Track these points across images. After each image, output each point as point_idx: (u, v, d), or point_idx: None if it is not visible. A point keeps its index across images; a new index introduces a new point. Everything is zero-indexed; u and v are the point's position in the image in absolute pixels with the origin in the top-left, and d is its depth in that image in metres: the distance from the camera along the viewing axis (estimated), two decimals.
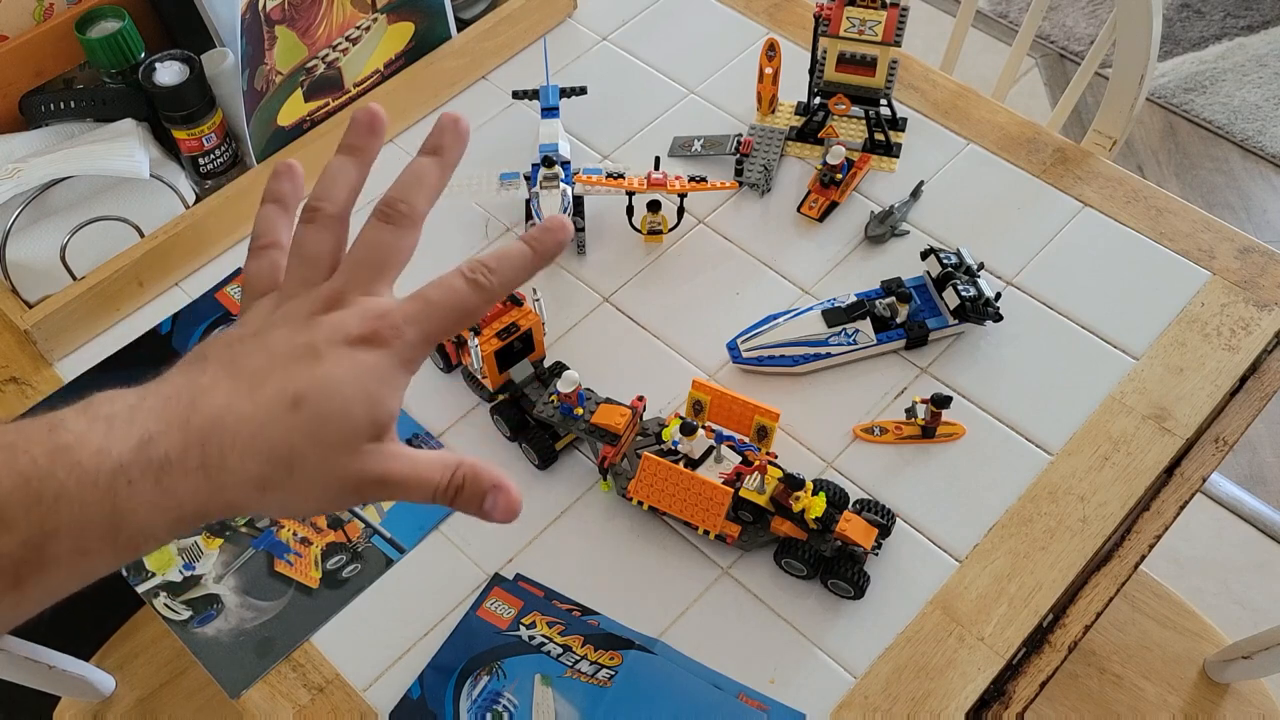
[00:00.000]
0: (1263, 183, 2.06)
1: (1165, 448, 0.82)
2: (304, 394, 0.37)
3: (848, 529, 0.74)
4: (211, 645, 0.77)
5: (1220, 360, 0.86)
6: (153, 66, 0.95)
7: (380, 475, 0.39)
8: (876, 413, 0.86)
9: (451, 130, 0.44)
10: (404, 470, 0.39)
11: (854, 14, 0.94)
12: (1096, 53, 1.08)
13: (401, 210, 0.42)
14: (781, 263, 0.95)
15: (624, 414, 0.80)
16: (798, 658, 0.75)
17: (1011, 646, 0.74)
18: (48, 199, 0.94)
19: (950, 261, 0.87)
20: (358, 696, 0.75)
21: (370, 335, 0.39)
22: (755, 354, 0.87)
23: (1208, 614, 1.07)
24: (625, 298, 0.94)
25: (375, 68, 1.07)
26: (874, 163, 1.01)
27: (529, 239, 0.42)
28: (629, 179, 0.93)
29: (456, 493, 0.40)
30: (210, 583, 0.80)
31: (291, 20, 0.97)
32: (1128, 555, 0.78)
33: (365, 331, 0.39)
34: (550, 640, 0.75)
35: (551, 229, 0.42)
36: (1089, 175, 0.98)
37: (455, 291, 0.41)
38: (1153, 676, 1.02)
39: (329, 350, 0.38)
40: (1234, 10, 2.30)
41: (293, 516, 0.40)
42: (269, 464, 0.37)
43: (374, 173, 0.45)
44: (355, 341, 0.39)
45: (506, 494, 0.40)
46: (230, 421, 0.36)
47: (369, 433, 0.38)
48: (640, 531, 0.81)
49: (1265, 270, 0.91)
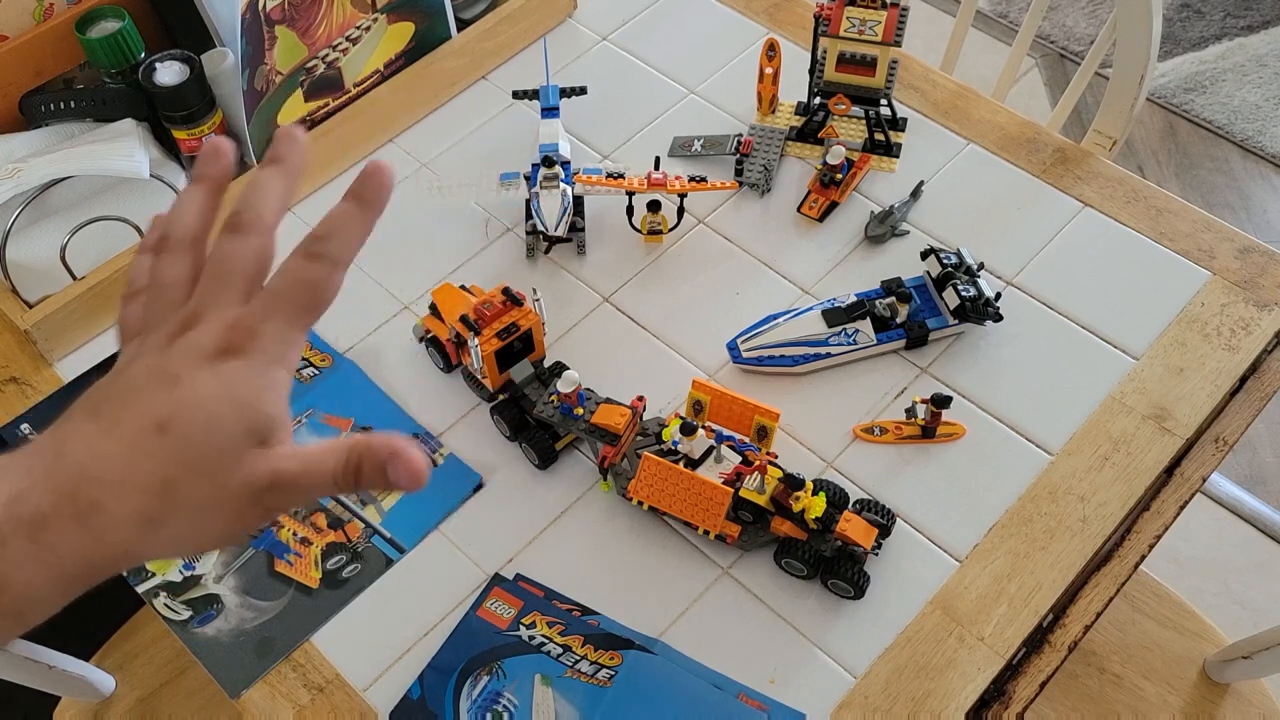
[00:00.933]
0: (1263, 183, 2.06)
1: (1165, 448, 0.82)
2: (167, 418, 0.36)
3: (848, 529, 0.74)
4: (211, 645, 0.77)
5: (1220, 360, 0.86)
6: (153, 66, 0.95)
7: (270, 478, 0.37)
8: (876, 413, 0.86)
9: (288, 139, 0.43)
10: (295, 467, 0.38)
11: (854, 14, 0.94)
12: (1096, 53, 1.08)
13: (246, 219, 0.41)
14: (781, 263, 0.95)
15: (624, 414, 0.80)
16: (798, 658, 0.75)
17: (1011, 646, 0.74)
18: (48, 199, 0.94)
19: (950, 261, 0.87)
20: (358, 696, 0.75)
21: (226, 346, 0.38)
22: (755, 354, 0.87)
23: (1208, 614, 1.07)
24: (625, 298, 0.94)
25: (375, 68, 1.07)
26: (874, 163, 1.01)
27: (350, 191, 0.41)
28: (629, 179, 0.93)
29: (357, 474, 0.38)
30: (210, 583, 0.80)
31: (291, 20, 0.97)
32: (1128, 555, 0.78)
33: (221, 344, 0.38)
34: (550, 640, 0.75)
35: (370, 173, 0.41)
36: (1089, 175, 0.98)
37: (294, 272, 0.39)
38: (1153, 676, 1.02)
39: (187, 371, 0.37)
40: (1234, 10, 2.30)
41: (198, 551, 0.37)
42: (147, 498, 0.35)
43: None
44: (214, 356, 0.37)
45: (406, 458, 0.38)
46: (96, 464, 0.35)
47: (248, 441, 0.37)
48: (640, 531, 0.81)
49: (1265, 270, 0.91)
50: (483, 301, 0.82)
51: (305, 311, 0.39)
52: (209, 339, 0.38)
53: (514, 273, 0.96)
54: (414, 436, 0.86)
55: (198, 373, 0.37)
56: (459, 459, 0.85)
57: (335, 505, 0.83)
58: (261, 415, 0.37)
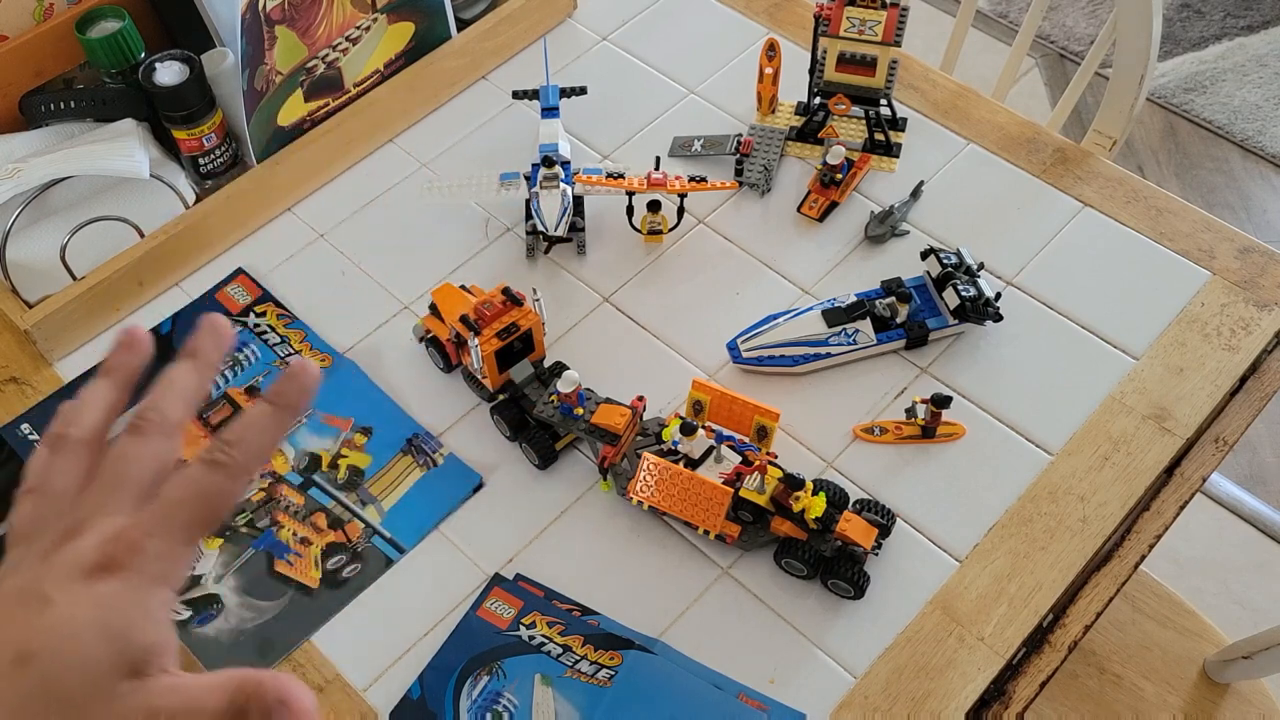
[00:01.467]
0: (1263, 183, 2.06)
1: (1165, 448, 0.82)
2: (30, 649, 0.33)
3: (848, 529, 0.74)
4: (211, 645, 0.77)
5: (1220, 360, 0.86)
6: (153, 66, 0.95)
7: (147, 714, 0.33)
8: (876, 413, 0.86)
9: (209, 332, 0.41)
10: (174, 704, 0.34)
11: (854, 14, 0.94)
12: (1096, 53, 1.08)
13: (149, 419, 0.38)
14: (781, 263, 0.95)
15: (624, 414, 0.80)
16: (798, 658, 0.75)
17: (1011, 646, 0.74)
18: (48, 199, 0.94)
19: (950, 261, 0.87)
20: (358, 696, 0.75)
21: (106, 562, 0.35)
22: (755, 354, 0.87)
23: (1208, 614, 1.07)
24: (625, 298, 0.94)
25: (375, 68, 1.07)
26: (874, 163, 1.01)
27: (268, 394, 0.38)
28: (629, 179, 0.93)
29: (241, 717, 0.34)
30: (210, 583, 0.80)
31: (291, 20, 0.97)
32: (1128, 555, 0.78)
33: (100, 559, 0.35)
34: (550, 640, 0.75)
35: (293, 374, 0.38)
36: (1089, 175, 0.98)
37: (195, 482, 0.37)
38: (1153, 676, 1.02)
39: (59, 591, 0.34)
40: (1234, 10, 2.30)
41: None
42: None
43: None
44: (91, 572, 0.34)
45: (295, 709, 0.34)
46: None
47: (120, 672, 0.34)
48: (640, 531, 0.81)
49: (1265, 270, 0.91)
50: (483, 301, 0.82)
51: (198, 525, 0.37)
52: (87, 552, 0.35)
53: (514, 273, 0.96)
54: (414, 436, 0.86)
55: (69, 593, 0.34)
56: (459, 459, 0.85)
57: (335, 505, 0.83)
58: (135, 645, 0.34)
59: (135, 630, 0.34)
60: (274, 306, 0.95)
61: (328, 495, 0.84)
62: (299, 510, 0.83)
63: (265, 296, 0.96)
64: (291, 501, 0.84)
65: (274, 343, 0.92)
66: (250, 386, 0.90)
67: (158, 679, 0.34)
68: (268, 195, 1.00)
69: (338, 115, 1.04)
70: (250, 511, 0.83)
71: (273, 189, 1.00)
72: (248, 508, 0.83)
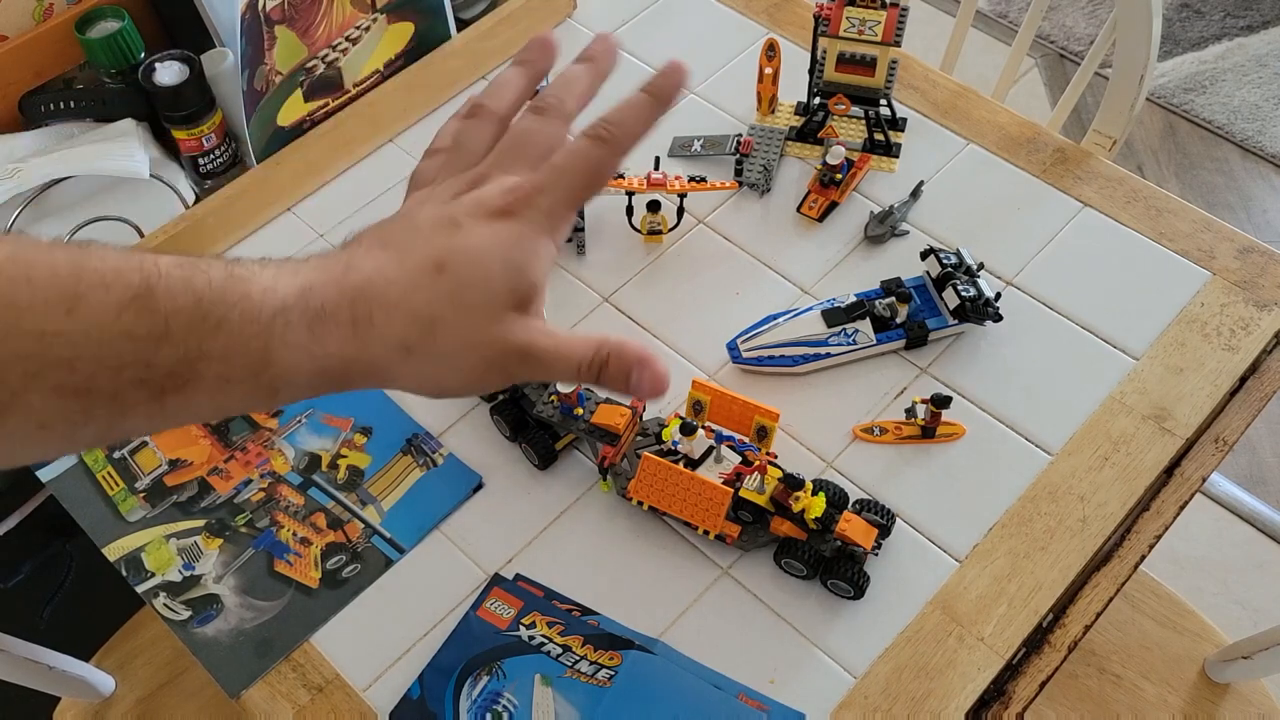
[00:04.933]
0: (1263, 183, 2.06)
1: (1165, 448, 0.82)
2: (446, 260, 0.39)
3: (848, 529, 0.74)
4: (211, 645, 0.77)
5: (1220, 360, 0.86)
6: (153, 66, 0.95)
7: (524, 346, 0.40)
8: (876, 413, 0.86)
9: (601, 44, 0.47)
10: (547, 344, 0.40)
11: (854, 14, 0.94)
12: (1096, 53, 1.08)
13: (550, 103, 0.44)
14: (781, 263, 0.95)
15: (624, 414, 0.80)
16: (798, 658, 0.75)
17: (1011, 646, 0.74)
18: (48, 199, 0.95)
19: (950, 261, 0.87)
20: (358, 696, 0.75)
21: (505, 208, 0.40)
22: (755, 354, 0.87)
23: (1208, 614, 1.07)
24: (625, 298, 0.94)
25: (375, 68, 1.07)
26: (874, 163, 1.01)
27: (646, 86, 0.44)
28: (629, 179, 0.93)
29: (601, 369, 0.40)
30: (210, 583, 0.80)
31: (291, 20, 0.97)
32: (1128, 555, 0.78)
33: (501, 204, 0.40)
34: (550, 640, 0.75)
35: (668, 72, 0.44)
36: (1089, 175, 0.98)
37: (580, 153, 0.42)
38: (1153, 676, 1.02)
39: (468, 222, 0.40)
40: (1234, 10, 2.30)
41: (436, 392, 0.41)
42: (412, 326, 0.38)
43: None
44: (493, 214, 0.40)
45: (652, 369, 0.40)
46: (379, 283, 0.38)
47: (510, 301, 0.39)
48: (640, 531, 0.81)
49: (1265, 270, 0.91)
50: None
51: (581, 189, 0.42)
52: (492, 197, 0.41)
53: None
54: (414, 436, 0.86)
55: (476, 225, 0.40)
56: (459, 459, 0.85)
57: (335, 505, 0.83)
58: (525, 280, 0.40)
59: (526, 267, 0.40)
60: None
61: (328, 495, 0.84)
62: (299, 510, 0.83)
63: None
64: (291, 501, 0.84)
65: None
66: None
67: (537, 320, 0.41)
68: (268, 195, 1.00)
69: (337, 115, 1.04)
70: (250, 511, 0.83)
71: (273, 189, 1.00)
72: (247, 508, 0.83)
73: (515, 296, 0.40)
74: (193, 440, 0.87)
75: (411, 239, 0.40)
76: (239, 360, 0.36)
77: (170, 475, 0.85)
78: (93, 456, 0.86)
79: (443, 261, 0.39)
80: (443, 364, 0.39)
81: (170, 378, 0.35)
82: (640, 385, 0.41)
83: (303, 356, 0.37)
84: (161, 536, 0.82)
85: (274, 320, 0.36)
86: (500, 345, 0.39)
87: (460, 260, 0.39)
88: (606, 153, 0.42)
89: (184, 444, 0.87)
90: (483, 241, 0.39)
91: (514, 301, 0.40)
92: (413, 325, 0.38)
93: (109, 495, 0.85)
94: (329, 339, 0.37)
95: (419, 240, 0.40)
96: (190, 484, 0.85)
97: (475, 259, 0.39)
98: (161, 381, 0.35)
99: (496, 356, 0.40)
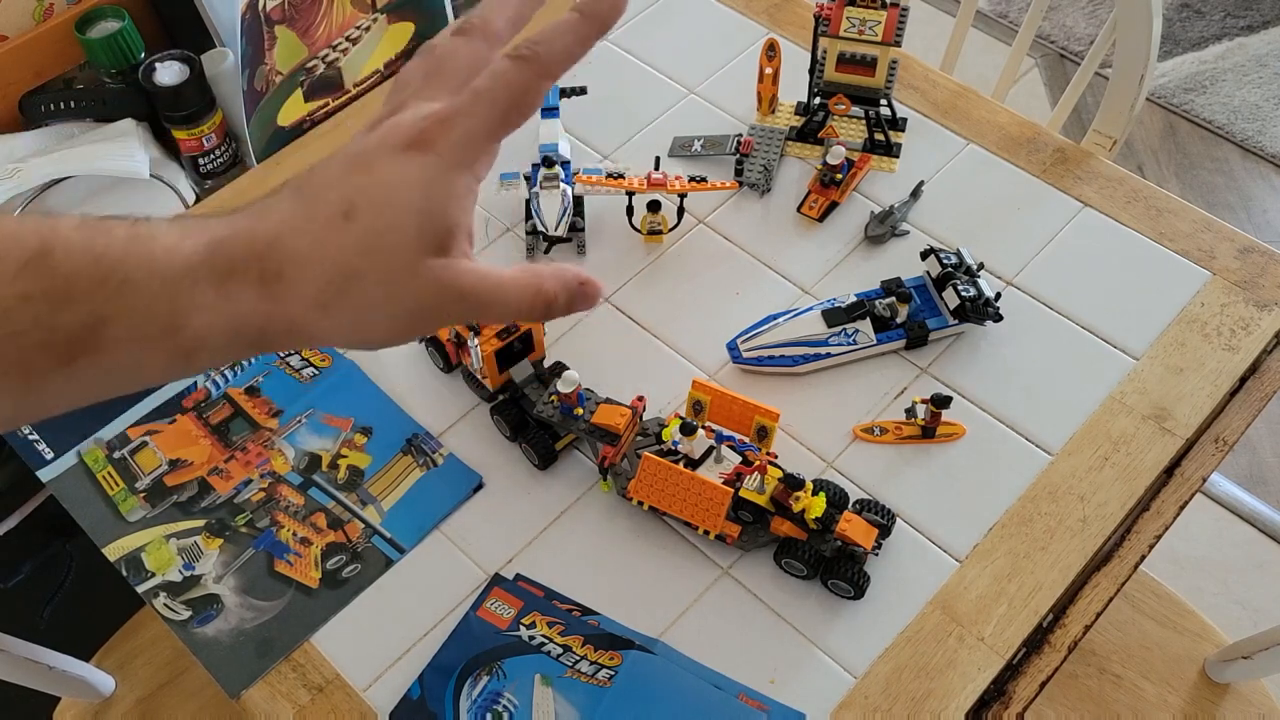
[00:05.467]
0: (1263, 183, 2.06)
1: (1165, 448, 0.82)
2: (354, 204, 0.36)
3: (848, 529, 0.74)
4: (211, 645, 0.77)
5: (1220, 360, 0.86)
6: (153, 66, 0.95)
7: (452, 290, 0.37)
8: (876, 413, 0.86)
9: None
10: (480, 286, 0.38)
11: (854, 14, 0.94)
12: (1096, 53, 1.08)
13: (474, 24, 0.41)
14: (781, 263, 0.95)
15: (624, 414, 0.80)
16: (798, 658, 0.75)
17: (1011, 646, 0.74)
18: (48, 199, 0.95)
19: (950, 261, 0.87)
20: (358, 696, 0.75)
21: (418, 138, 0.37)
22: (755, 354, 0.87)
23: (1208, 614, 1.07)
24: (625, 298, 0.94)
25: (375, 68, 1.07)
26: (874, 163, 1.01)
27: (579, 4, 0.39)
28: (629, 179, 0.93)
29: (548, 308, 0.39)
30: (210, 583, 0.80)
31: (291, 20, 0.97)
32: (1128, 555, 0.78)
33: (414, 135, 0.37)
34: (550, 640, 0.75)
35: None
36: (1089, 175, 0.98)
37: (501, 74, 0.38)
38: (1153, 676, 1.02)
39: (379, 158, 0.37)
40: (1234, 10, 2.30)
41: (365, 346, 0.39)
42: (323, 281, 0.36)
43: None
44: (406, 146, 0.37)
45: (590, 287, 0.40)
46: (287, 235, 0.36)
47: (425, 246, 0.37)
48: (640, 531, 0.81)
49: (1265, 270, 0.91)
50: None
51: (503, 115, 0.38)
52: (404, 127, 0.38)
53: None
54: (414, 436, 0.86)
55: (386, 163, 0.37)
56: (459, 459, 0.85)
57: (335, 505, 0.83)
58: (441, 223, 0.37)
59: (443, 209, 0.37)
60: None
61: (328, 495, 0.84)
62: (299, 510, 0.83)
63: None
64: (291, 501, 0.84)
65: None
66: (250, 386, 0.90)
67: (460, 261, 0.38)
68: None
69: (337, 115, 1.04)
70: (250, 512, 0.83)
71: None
72: (248, 508, 0.83)
73: (432, 240, 0.37)
74: (193, 440, 0.87)
75: (324, 182, 0.37)
76: (147, 322, 0.35)
77: (170, 475, 0.85)
78: (93, 456, 0.86)
79: (351, 207, 0.36)
80: (366, 317, 0.37)
81: (75, 342, 0.34)
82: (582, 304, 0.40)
83: (215, 317, 0.35)
84: (162, 536, 0.82)
85: (180, 280, 0.35)
86: (426, 292, 0.37)
87: (367, 204, 0.36)
88: (531, 74, 0.38)
89: (184, 444, 0.87)
90: (391, 181, 0.37)
91: (431, 246, 0.37)
92: (326, 280, 0.36)
93: (109, 495, 0.85)
94: (239, 298, 0.35)
95: (330, 183, 0.37)
96: (190, 484, 0.85)
97: (384, 202, 0.36)
98: (67, 346, 0.34)
99: (425, 303, 0.37)
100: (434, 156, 0.37)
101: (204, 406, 0.89)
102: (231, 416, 0.88)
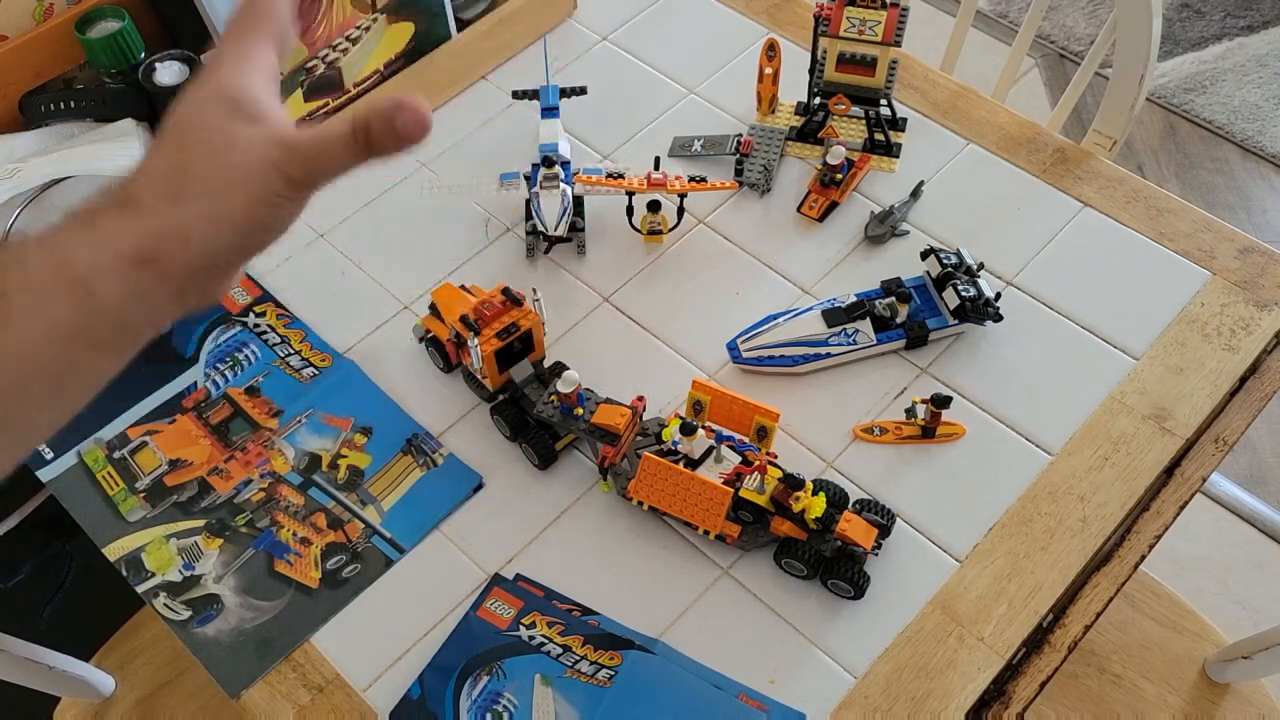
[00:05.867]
0: (1263, 183, 2.06)
1: (1165, 448, 0.82)
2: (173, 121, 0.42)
3: (848, 529, 0.74)
4: (211, 645, 0.77)
5: (1220, 360, 0.86)
6: (153, 66, 0.95)
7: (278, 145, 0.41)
8: (876, 413, 0.86)
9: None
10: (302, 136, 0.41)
11: (854, 14, 0.94)
12: (1096, 53, 1.08)
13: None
14: (781, 263, 0.95)
15: (624, 414, 0.80)
16: (798, 658, 0.75)
17: (1011, 646, 0.74)
18: (48, 199, 0.94)
19: (950, 261, 0.87)
20: (358, 696, 0.75)
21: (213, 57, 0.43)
22: (755, 354, 0.87)
23: (1208, 614, 1.07)
24: (625, 298, 0.94)
25: (375, 68, 1.07)
26: (874, 163, 1.01)
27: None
28: (629, 179, 0.93)
29: (367, 135, 0.41)
30: (210, 583, 0.80)
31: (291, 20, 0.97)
32: (1128, 555, 0.78)
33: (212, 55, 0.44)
34: (550, 640, 0.75)
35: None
36: (1089, 175, 0.98)
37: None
38: (1153, 676, 1.02)
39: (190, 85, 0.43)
40: (1234, 10, 2.30)
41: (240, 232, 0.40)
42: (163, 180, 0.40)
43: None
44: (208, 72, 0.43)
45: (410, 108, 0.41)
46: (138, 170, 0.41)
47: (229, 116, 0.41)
48: (640, 531, 0.81)
49: (1265, 270, 0.91)
50: (482, 301, 0.82)
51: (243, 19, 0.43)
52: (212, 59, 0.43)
53: (514, 273, 0.96)
54: (414, 436, 0.86)
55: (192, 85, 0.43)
56: (459, 459, 0.85)
57: (335, 505, 0.83)
58: (228, 94, 0.41)
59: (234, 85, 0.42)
60: (274, 306, 0.95)
61: (328, 495, 0.84)
62: (299, 510, 0.83)
63: (265, 296, 0.96)
64: (291, 501, 0.84)
65: (274, 343, 0.92)
66: (250, 387, 0.90)
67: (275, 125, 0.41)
68: None
69: (337, 116, 1.04)
70: (250, 511, 0.83)
71: None
72: (248, 508, 0.83)
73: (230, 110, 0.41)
74: (193, 440, 0.87)
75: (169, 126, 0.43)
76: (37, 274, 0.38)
77: (170, 475, 0.85)
78: (93, 456, 0.86)
79: (170, 127, 0.41)
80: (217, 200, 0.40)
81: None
82: (407, 129, 0.41)
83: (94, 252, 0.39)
84: (161, 536, 0.82)
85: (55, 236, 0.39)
86: (253, 155, 0.40)
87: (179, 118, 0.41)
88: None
89: (184, 444, 0.87)
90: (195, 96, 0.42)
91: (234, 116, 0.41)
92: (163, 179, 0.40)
93: (109, 495, 0.85)
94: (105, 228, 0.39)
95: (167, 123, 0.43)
96: (190, 484, 0.85)
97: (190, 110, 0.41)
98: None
99: (257, 167, 0.40)
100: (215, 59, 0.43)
101: (204, 406, 0.89)
102: (231, 416, 0.88)
